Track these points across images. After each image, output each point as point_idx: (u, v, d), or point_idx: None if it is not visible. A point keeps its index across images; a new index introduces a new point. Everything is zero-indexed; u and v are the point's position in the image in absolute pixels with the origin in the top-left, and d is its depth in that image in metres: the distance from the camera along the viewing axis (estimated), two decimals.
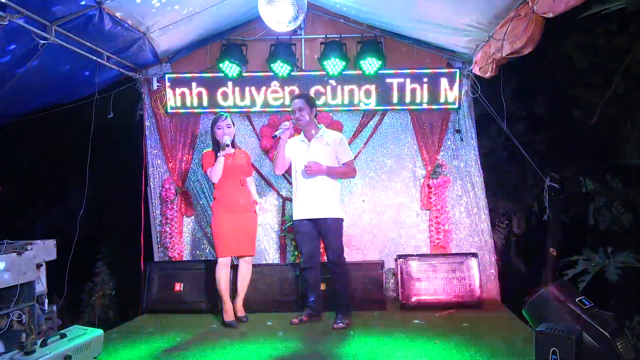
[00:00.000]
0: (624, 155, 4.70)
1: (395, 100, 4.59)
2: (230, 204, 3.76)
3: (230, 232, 3.72)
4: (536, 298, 2.70)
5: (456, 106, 4.58)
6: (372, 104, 4.61)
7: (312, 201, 3.66)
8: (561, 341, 2.32)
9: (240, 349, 3.19)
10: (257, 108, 4.68)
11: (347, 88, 4.60)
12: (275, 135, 3.71)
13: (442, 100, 4.57)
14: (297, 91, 4.53)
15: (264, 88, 4.64)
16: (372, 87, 4.58)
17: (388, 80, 4.57)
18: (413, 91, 4.57)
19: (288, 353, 3.08)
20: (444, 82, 4.55)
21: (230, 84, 4.63)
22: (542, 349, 2.39)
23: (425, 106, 4.59)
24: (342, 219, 3.74)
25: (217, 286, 3.74)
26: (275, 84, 4.63)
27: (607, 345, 2.35)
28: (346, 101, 4.62)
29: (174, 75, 4.68)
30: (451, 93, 4.55)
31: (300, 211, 3.72)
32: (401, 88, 4.59)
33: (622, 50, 4.48)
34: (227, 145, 3.71)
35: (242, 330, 3.62)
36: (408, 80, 4.56)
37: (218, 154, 3.72)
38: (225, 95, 4.65)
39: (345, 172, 3.75)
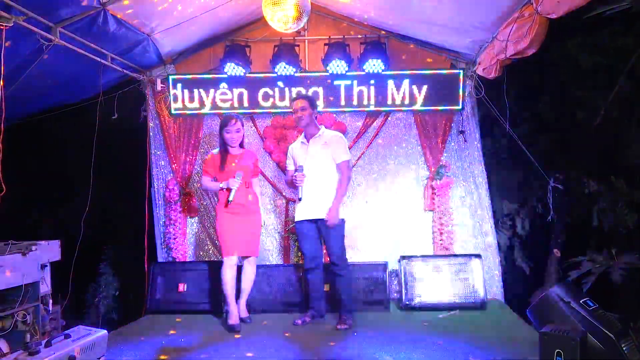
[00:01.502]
0: (628, 156, 4.69)
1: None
2: (235, 205, 3.70)
3: (235, 232, 3.70)
4: (541, 299, 2.70)
5: (459, 107, 4.57)
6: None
7: (313, 202, 3.66)
8: (566, 342, 2.32)
9: (244, 350, 3.19)
10: (260, 110, 4.69)
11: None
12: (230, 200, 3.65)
13: (445, 101, 4.56)
14: (303, 92, 4.54)
15: (267, 89, 4.64)
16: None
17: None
18: (416, 92, 4.56)
19: (291, 354, 3.08)
20: (447, 83, 4.54)
21: (234, 84, 4.64)
22: (547, 351, 2.39)
23: (427, 107, 4.58)
24: (343, 220, 3.72)
25: (224, 287, 3.70)
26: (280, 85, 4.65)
27: (612, 346, 2.35)
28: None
29: (177, 77, 4.69)
30: (454, 94, 4.55)
31: (302, 212, 3.72)
32: (401, 89, 4.58)
33: (626, 51, 4.47)
34: (230, 201, 3.64)
35: (245, 331, 3.62)
36: (409, 80, 4.56)
37: (221, 185, 3.70)
38: (229, 97, 4.66)
39: (345, 184, 3.69)
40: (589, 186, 4.67)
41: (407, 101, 4.58)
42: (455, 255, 4.43)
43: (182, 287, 4.29)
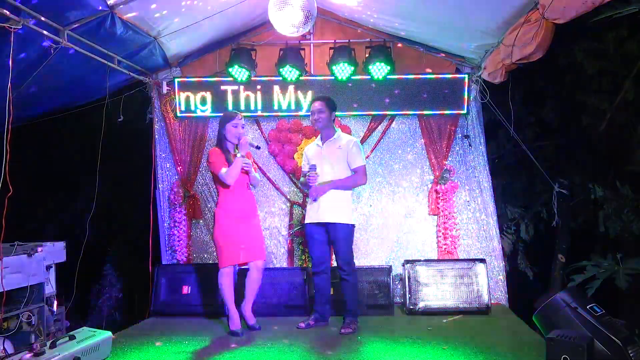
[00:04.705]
0: (633, 161, 4.68)
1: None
2: (237, 211, 3.54)
3: (238, 240, 3.53)
4: (547, 304, 2.69)
5: (465, 112, 4.57)
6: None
7: (323, 205, 3.63)
8: (572, 348, 2.31)
9: (247, 352, 3.19)
10: (266, 112, 4.71)
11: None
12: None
13: (450, 105, 4.56)
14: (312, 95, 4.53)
15: (272, 92, 4.66)
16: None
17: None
18: (421, 96, 4.57)
19: (295, 357, 3.07)
20: (452, 87, 4.55)
21: (239, 88, 4.66)
22: (553, 356, 2.38)
23: (432, 111, 4.59)
24: (352, 225, 3.68)
25: (223, 294, 3.60)
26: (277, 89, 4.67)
27: (618, 352, 2.33)
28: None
29: (183, 80, 4.71)
30: (460, 98, 4.55)
31: (311, 215, 3.71)
32: (409, 92, 4.60)
33: (632, 56, 4.46)
34: (259, 147, 3.56)
35: (248, 334, 3.61)
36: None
37: (238, 155, 3.49)
38: (233, 99, 4.68)
39: (353, 182, 3.68)
40: (594, 192, 4.65)
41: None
42: (460, 260, 4.41)
43: (186, 289, 4.29)
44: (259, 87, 4.67)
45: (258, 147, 3.60)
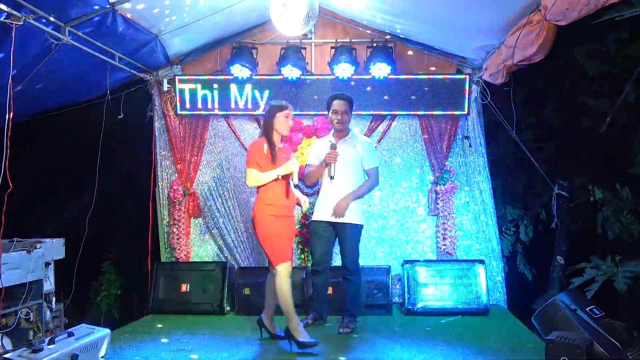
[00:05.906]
0: (633, 164, 4.67)
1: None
2: (282, 207, 3.18)
3: (290, 237, 3.28)
4: (547, 306, 2.69)
5: (465, 112, 4.57)
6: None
7: (334, 204, 3.58)
8: (571, 350, 2.31)
9: (246, 351, 3.19)
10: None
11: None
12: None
13: (451, 106, 4.56)
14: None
15: (273, 91, 4.66)
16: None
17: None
18: (422, 97, 4.56)
19: (294, 356, 3.07)
20: (453, 88, 4.54)
21: (240, 86, 4.65)
22: (552, 358, 2.38)
23: (433, 112, 4.59)
24: (361, 226, 3.67)
25: (284, 301, 3.10)
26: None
27: (617, 355, 2.33)
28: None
29: (184, 77, 4.70)
30: (460, 99, 4.55)
31: (321, 212, 3.67)
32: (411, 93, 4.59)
33: (634, 58, 4.46)
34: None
35: (247, 333, 3.61)
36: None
37: (279, 172, 3.07)
38: (235, 98, 4.67)
39: (368, 187, 3.69)
40: (594, 194, 4.64)
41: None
42: (459, 261, 4.42)
43: (184, 287, 4.29)
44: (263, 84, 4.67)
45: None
